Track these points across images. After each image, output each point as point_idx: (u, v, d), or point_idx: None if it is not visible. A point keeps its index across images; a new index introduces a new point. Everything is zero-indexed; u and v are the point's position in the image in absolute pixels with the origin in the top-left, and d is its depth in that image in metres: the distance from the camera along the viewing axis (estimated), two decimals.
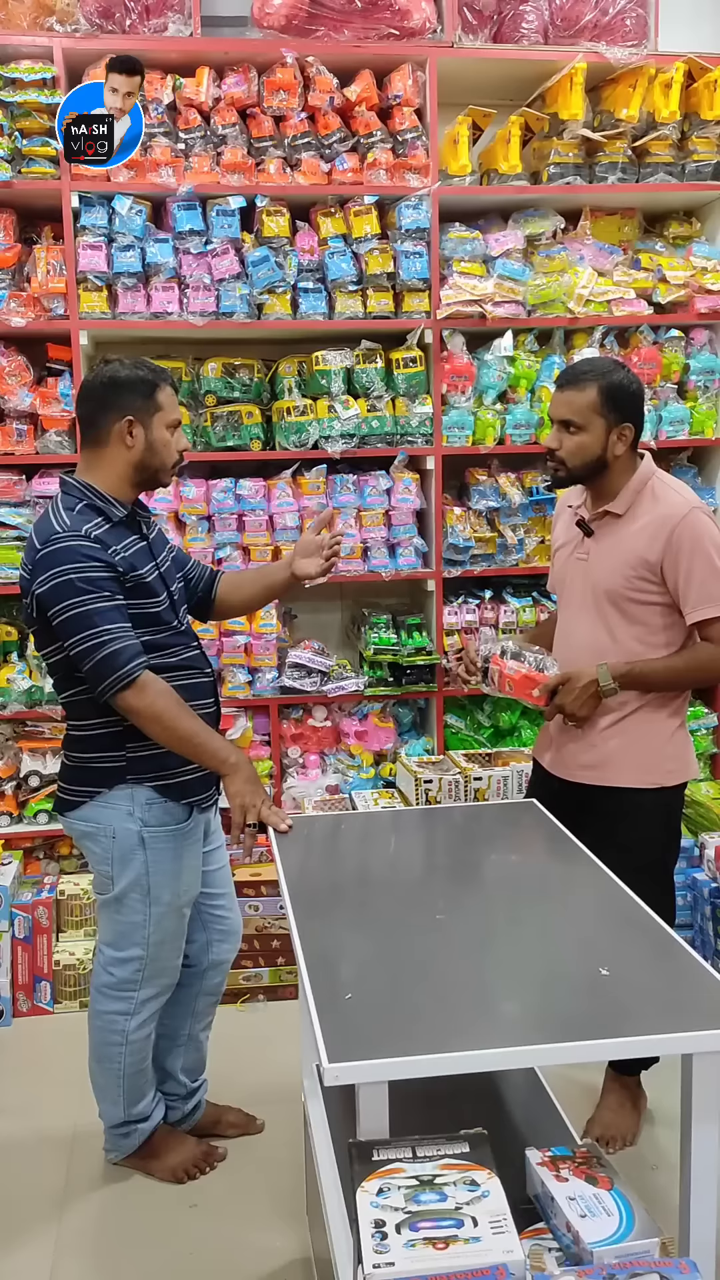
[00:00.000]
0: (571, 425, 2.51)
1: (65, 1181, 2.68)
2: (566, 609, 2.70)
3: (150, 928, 2.50)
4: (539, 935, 1.87)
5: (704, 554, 2.44)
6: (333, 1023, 1.51)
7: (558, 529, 2.81)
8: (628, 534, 2.53)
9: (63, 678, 2.46)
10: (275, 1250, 2.42)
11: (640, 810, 2.58)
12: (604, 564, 2.57)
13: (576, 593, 2.65)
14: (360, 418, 3.68)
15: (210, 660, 2.67)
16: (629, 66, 3.69)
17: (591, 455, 2.52)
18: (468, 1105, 1.88)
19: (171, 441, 2.48)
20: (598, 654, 2.57)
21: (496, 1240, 1.20)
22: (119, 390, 2.42)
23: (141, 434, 2.42)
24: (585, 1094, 2.83)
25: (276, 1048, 3.20)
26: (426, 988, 1.65)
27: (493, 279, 3.69)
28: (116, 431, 2.42)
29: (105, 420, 2.42)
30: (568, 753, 2.66)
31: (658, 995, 1.61)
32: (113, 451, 2.43)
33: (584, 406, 2.49)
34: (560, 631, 2.73)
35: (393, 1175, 1.32)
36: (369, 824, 2.67)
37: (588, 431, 2.50)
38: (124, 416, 2.41)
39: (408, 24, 3.56)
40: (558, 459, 2.56)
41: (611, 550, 2.56)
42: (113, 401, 2.42)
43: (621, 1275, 1.10)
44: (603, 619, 2.58)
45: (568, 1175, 1.41)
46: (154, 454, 2.45)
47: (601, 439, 2.51)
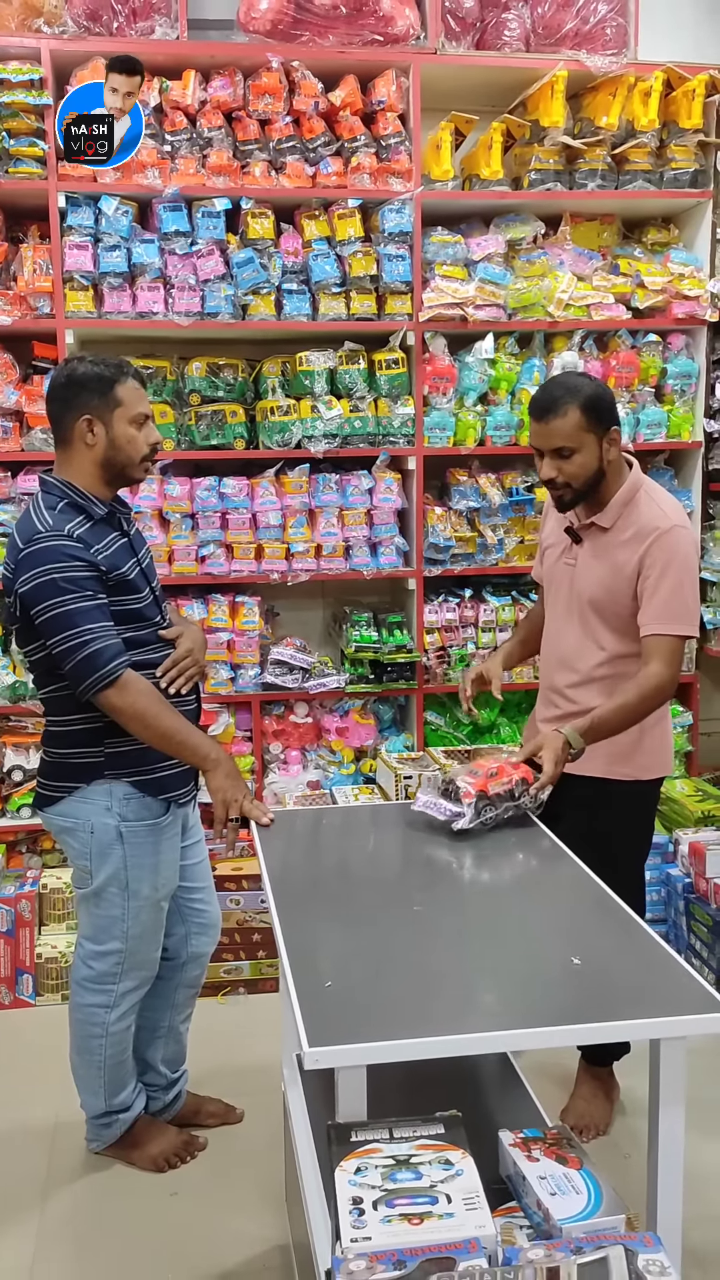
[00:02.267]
0: (565, 450, 2.52)
1: (47, 1171, 2.71)
2: (554, 612, 2.76)
3: (129, 921, 2.54)
4: (513, 926, 1.92)
5: (673, 574, 2.49)
6: (313, 1009, 1.55)
7: (547, 525, 2.85)
8: (613, 545, 2.59)
9: (43, 674, 2.49)
10: (255, 1236, 2.47)
11: (615, 801, 2.63)
12: (590, 574, 2.62)
13: (563, 599, 2.71)
14: (343, 418, 3.72)
15: None
16: (609, 75, 3.75)
17: (592, 471, 2.54)
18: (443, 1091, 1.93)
19: (138, 436, 2.46)
20: (585, 662, 2.64)
21: (469, 1216, 1.25)
22: (77, 388, 2.42)
23: (102, 431, 2.42)
24: (559, 1084, 2.89)
25: (256, 1040, 3.24)
26: (404, 976, 1.70)
27: (474, 282, 3.74)
28: (78, 430, 2.42)
29: (67, 419, 2.43)
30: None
31: (627, 983, 1.66)
32: (77, 450, 2.44)
33: (572, 430, 2.50)
34: (548, 639, 2.79)
35: (370, 1155, 1.36)
36: (349, 818, 2.72)
37: (583, 451, 2.51)
38: (83, 415, 2.41)
39: (392, 30, 3.61)
40: (560, 485, 2.55)
41: (597, 561, 2.61)
42: (72, 400, 2.42)
43: (588, 1248, 1.15)
44: (588, 628, 2.64)
45: (539, 1156, 1.46)
46: (118, 450, 2.44)
47: (597, 453, 2.53)
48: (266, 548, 3.78)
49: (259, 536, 3.77)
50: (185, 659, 2.52)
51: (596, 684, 2.64)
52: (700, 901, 3.47)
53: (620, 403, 3.89)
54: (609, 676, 2.62)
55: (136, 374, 2.49)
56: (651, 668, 2.50)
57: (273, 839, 2.30)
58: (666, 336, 4.01)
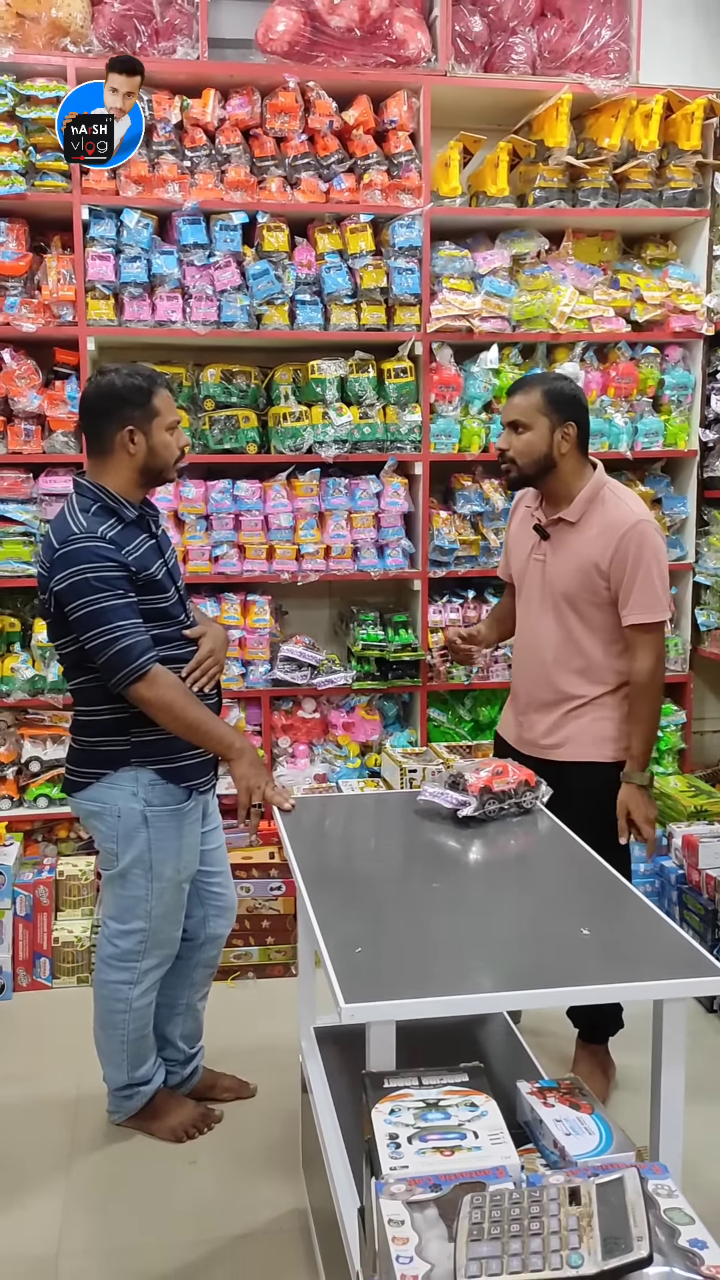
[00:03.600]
0: (519, 425, 2.72)
1: (71, 1141, 2.83)
2: (527, 609, 2.91)
3: (152, 901, 2.66)
4: (525, 900, 2.07)
5: (645, 564, 2.66)
6: (346, 971, 1.69)
7: (514, 522, 3.01)
8: (581, 540, 2.74)
9: (72, 666, 2.61)
10: (271, 1201, 2.59)
11: (599, 784, 2.78)
12: (560, 569, 2.78)
13: (536, 594, 2.86)
14: (353, 424, 3.86)
15: None
16: (612, 98, 3.89)
17: (539, 453, 2.72)
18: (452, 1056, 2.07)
19: (171, 442, 2.61)
20: (560, 655, 2.80)
21: (496, 1149, 1.39)
22: (117, 401, 2.55)
23: (143, 440, 2.57)
24: (558, 1061, 3.03)
25: (266, 1021, 3.37)
26: (427, 944, 1.84)
27: (480, 295, 3.88)
28: (119, 441, 2.56)
29: (108, 431, 2.56)
30: (532, 733, 2.88)
31: (632, 950, 1.81)
32: (118, 458, 2.58)
33: (529, 407, 2.71)
34: (523, 633, 2.94)
35: (402, 1099, 1.50)
36: (361, 805, 2.86)
37: (533, 430, 2.71)
38: (125, 426, 2.54)
39: (404, 53, 3.75)
40: (509, 459, 2.76)
41: (567, 556, 2.77)
42: (113, 413, 2.55)
43: (603, 1174, 1.29)
44: (562, 622, 2.80)
45: (554, 1102, 1.59)
46: (156, 456, 2.60)
47: (546, 437, 2.70)
48: (278, 548, 3.91)
49: (270, 538, 3.91)
50: (208, 659, 2.65)
51: (576, 670, 2.80)
52: (693, 892, 3.61)
53: (619, 412, 4.04)
54: (587, 665, 2.79)
55: (167, 383, 2.64)
56: (640, 665, 2.72)
57: (293, 823, 2.43)
58: (664, 349, 4.15)
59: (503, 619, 3.12)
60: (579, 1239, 1.20)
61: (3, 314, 3.63)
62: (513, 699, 3.01)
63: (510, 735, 2.99)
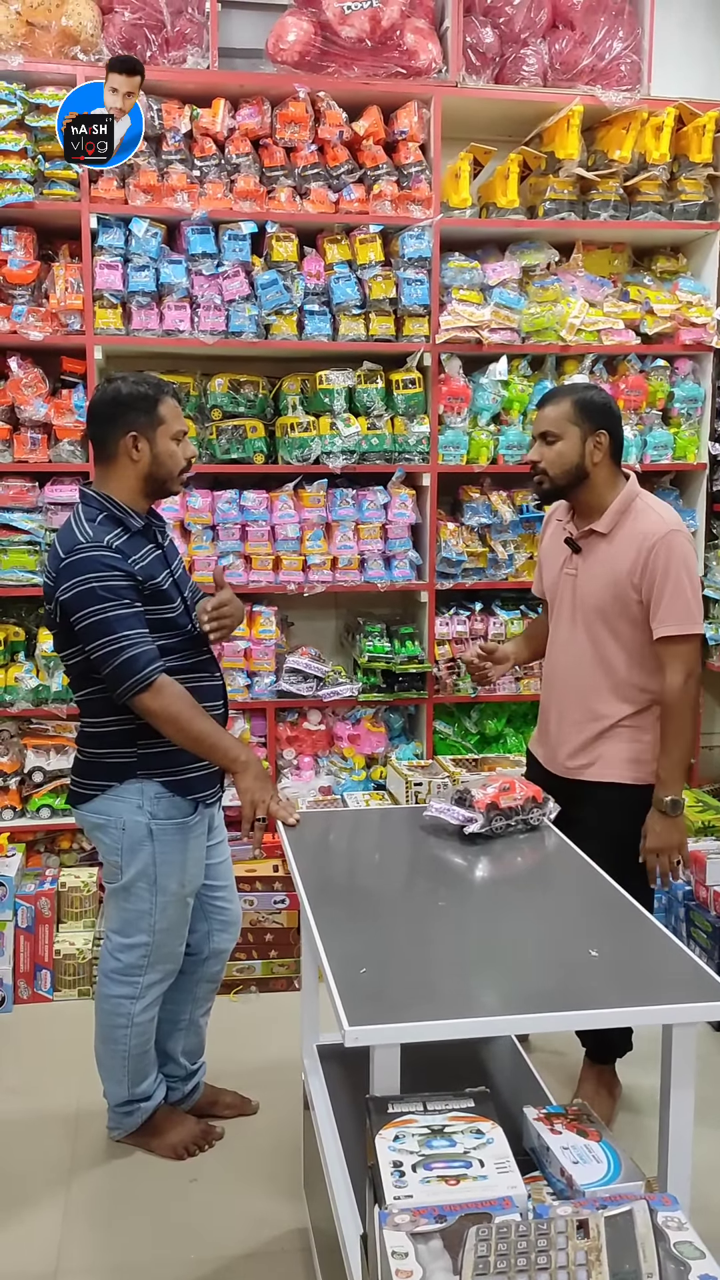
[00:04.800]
0: (549, 435, 2.69)
1: (71, 1157, 2.81)
2: (558, 625, 2.87)
3: (156, 916, 2.63)
4: (533, 921, 2.03)
5: (676, 575, 2.61)
6: (350, 993, 1.66)
7: (545, 538, 2.98)
8: (612, 553, 2.69)
9: (78, 677, 2.59)
10: (272, 1220, 2.56)
11: (629, 805, 2.73)
12: (591, 582, 2.73)
13: (566, 608, 2.81)
14: (360, 435, 3.84)
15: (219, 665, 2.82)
16: (623, 110, 3.88)
17: (570, 463, 2.68)
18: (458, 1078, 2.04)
19: (177, 451, 2.60)
20: (588, 672, 2.75)
21: (502, 1178, 1.36)
22: (123, 408, 2.55)
23: (147, 448, 2.56)
24: (565, 1083, 3.00)
25: (269, 1036, 3.34)
26: (433, 965, 1.81)
27: (489, 307, 3.87)
28: (123, 447, 2.55)
29: (113, 437, 2.55)
30: (563, 751, 2.83)
31: (641, 974, 1.78)
32: (122, 465, 2.57)
33: (559, 417, 2.68)
34: (554, 650, 2.89)
35: (406, 1125, 1.47)
36: (365, 821, 2.83)
37: (565, 440, 2.67)
38: (129, 432, 2.54)
39: (415, 63, 3.74)
40: (540, 470, 2.72)
41: (598, 568, 2.72)
42: (119, 419, 2.54)
43: (612, 1205, 1.26)
44: (593, 638, 2.75)
45: (561, 1129, 1.57)
46: (160, 465, 2.58)
47: (578, 446, 2.67)
48: (284, 559, 3.89)
49: (277, 548, 3.89)
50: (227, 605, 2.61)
51: (607, 688, 2.74)
52: (700, 909, 3.58)
53: (628, 425, 4.01)
54: (618, 683, 2.73)
55: (174, 392, 2.62)
56: (670, 681, 2.64)
57: (297, 839, 2.41)
58: (674, 362, 4.13)
59: (535, 636, 3.07)
60: (587, 1274, 1.17)
61: (10, 322, 3.62)
62: (543, 717, 2.96)
63: (540, 754, 2.96)
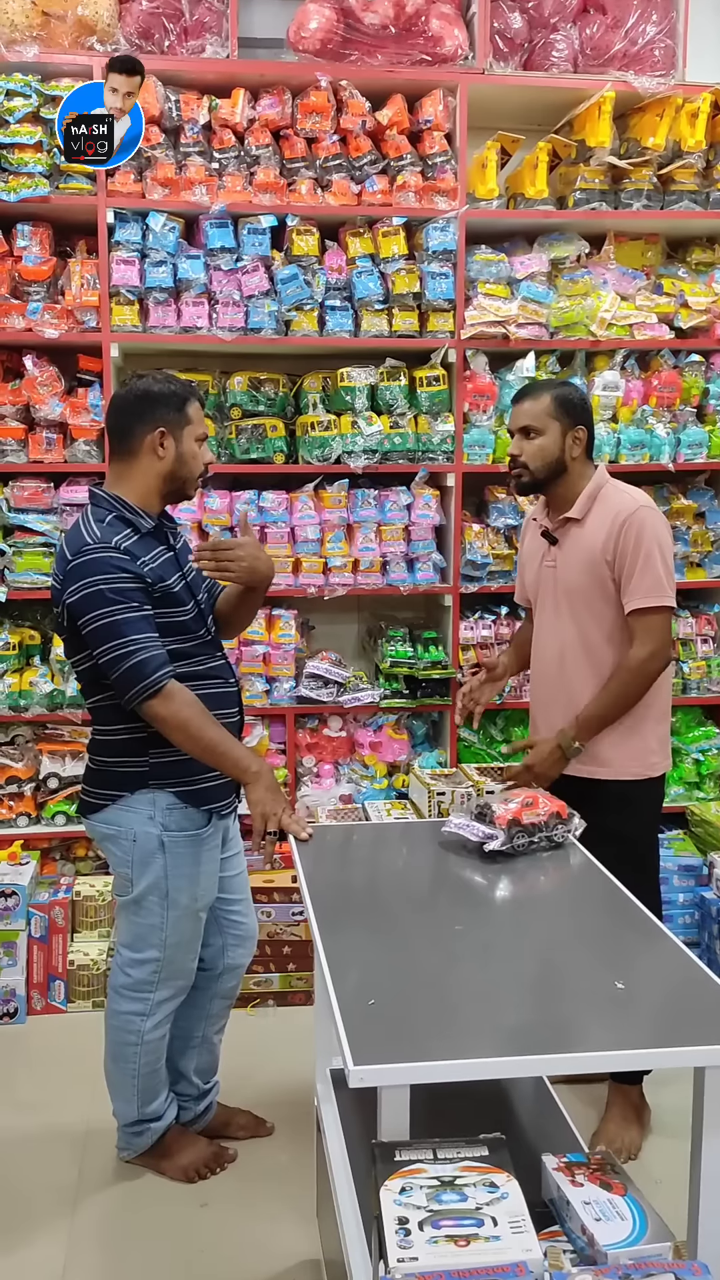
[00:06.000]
0: (531, 430, 2.73)
1: (78, 1177, 2.73)
2: (541, 615, 2.87)
3: (167, 930, 2.55)
4: (556, 948, 1.92)
5: (648, 548, 2.64)
6: (357, 1027, 1.56)
7: (525, 543, 3.01)
8: (586, 534, 2.73)
9: (90, 684, 2.52)
10: (285, 1251, 2.46)
11: (633, 801, 2.73)
12: (570, 568, 2.76)
13: (549, 599, 2.83)
14: (383, 434, 3.74)
15: (235, 669, 2.73)
16: (656, 96, 3.75)
17: (551, 457, 2.73)
18: (478, 1111, 1.94)
19: (199, 454, 2.55)
20: (571, 657, 2.75)
21: (516, 1239, 1.25)
22: (152, 403, 2.49)
23: (172, 445, 2.50)
24: (590, 1103, 2.88)
25: (286, 1052, 3.24)
26: (447, 996, 1.70)
27: (517, 301, 3.75)
28: (149, 443, 2.48)
29: (138, 431, 2.49)
30: None
31: (671, 1009, 1.66)
32: (144, 462, 2.50)
33: (541, 412, 2.73)
34: (538, 643, 2.89)
35: (415, 1175, 1.37)
36: (382, 835, 2.73)
37: (546, 435, 2.72)
38: (156, 428, 2.48)
39: (440, 50, 3.63)
40: (520, 464, 2.76)
41: (575, 553, 2.75)
42: (146, 414, 2.48)
43: (637, 1275, 1.15)
44: (575, 622, 2.75)
45: (582, 1181, 1.46)
46: (183, 465, 2.52)
47: (559, 441, 2.73)
48: (304, 562, 3.80)
49: (297, 550, 3.79)
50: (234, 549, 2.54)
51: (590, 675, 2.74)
52: None
53: (661, 422, 3.90)
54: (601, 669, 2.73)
55: (200, 396, 2.60)
56: (635, 651, 2.65)
57: (310, 855, 2.31)
58: (710, 356, 4.00)
59: (523, 644, 3.06)
60: None
61: (25, 320, 3.54)
62: (534, 716, 2.93)
63: None
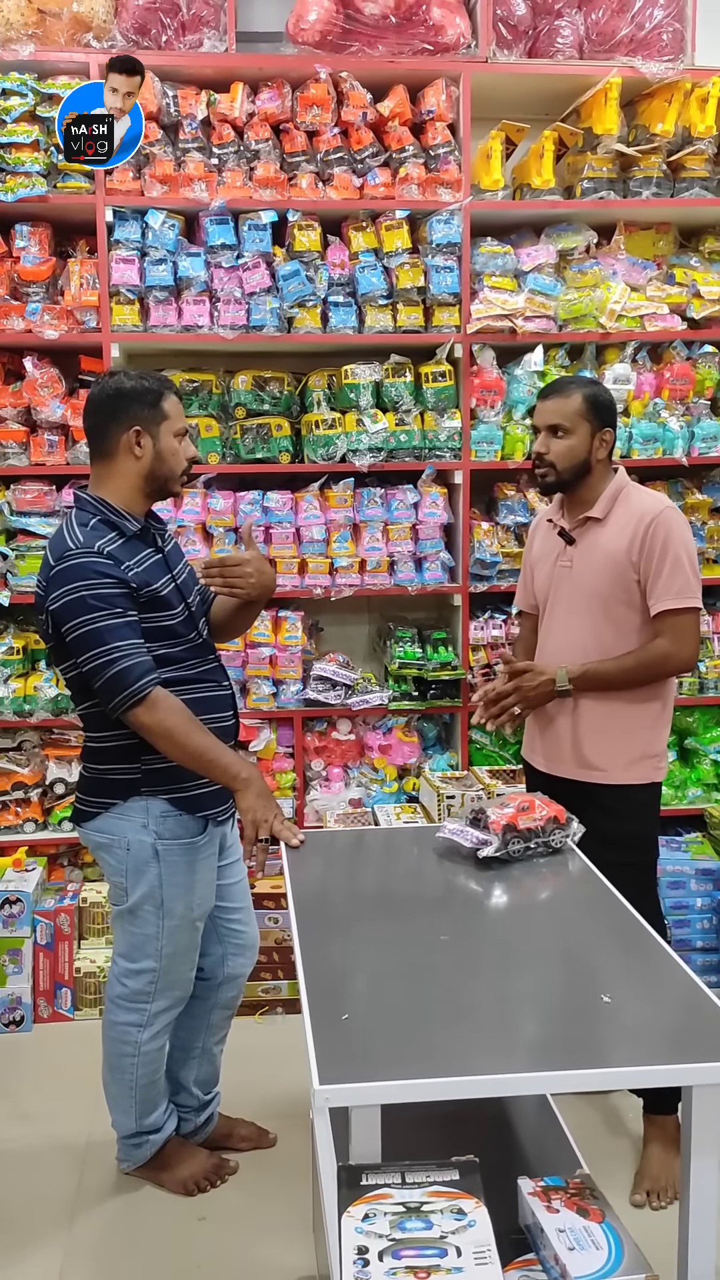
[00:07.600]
0: (560, 429, 2.69)
1: (77, 1189, 2.69)
2: (553, 616, 2.80)
3: (163, 940, 2.51)
4: (542, 959, 1.85)
5: (675, 550, 2.60)
6: (328, 1043, 1.50)
7: (535, 544, 2.93)
8: (609, 535, 2.68)
9: (78, 691, 2.47)
10: (284, 1266, 2.42)
11: (632, 806, 2.68)
12: (588, 568, 2.70)
13: (563, 601, 2.76)
14: (389, 431, 3.68)
15: (229, 673, 2.68)
16: (665, 81, 3.66)
17: (579, 458, 2.69)
18: (470, 1126, 1.87)
19: (179, 449, 2.48)
20: (582, 656, 2.68)
21: (479, 1272, 1.19)
22: (125, 401, 2.43)
23: (150, 443, 2.44)
24: (605, 1109, 2.80)
25: (292, 1061, 3.15)
26: (426, 1010, 1.64)
27: (524, 294, 3.67)
28: (124, 442, 2.43)
29: (113, 432, 2.43)
30: (561, 752, 2.74)
31: (660, 1024, 1.58)
32: (122, 463, 2.45)
33: (571, 412, 2.68)
34: (545, 645, 2.82)
35: (380, 1201, 1.31)
36: (374, 842, 2.67)
37: (575, 435, 2.68)
38: (131, 427, 2.42)
39: (442, 39, 3.56)
40: (547, 463, 2.72)
41: (595, 553, 2.69)
42: (120, 412, 2.43)
43: None
44: (591, 622, 2.69)
45: (559, 1206, 1.39)
46: (162, 463, 2.46)
47: (587, 442, 2.69)
48: (310, 562, 3.74)
49: (303, 551, 3.74)
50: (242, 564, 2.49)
51: None
52: None
53: (674, 415, 3.81)
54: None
55: (177, 390, 2.53)
56: (659, 641, 2.61)
57: (302, 861, 2.25)
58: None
59: (528, 650, 2.94)
60: None
61: (25, 321, 3.51)
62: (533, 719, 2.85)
63: (537, 759, 2.84)
